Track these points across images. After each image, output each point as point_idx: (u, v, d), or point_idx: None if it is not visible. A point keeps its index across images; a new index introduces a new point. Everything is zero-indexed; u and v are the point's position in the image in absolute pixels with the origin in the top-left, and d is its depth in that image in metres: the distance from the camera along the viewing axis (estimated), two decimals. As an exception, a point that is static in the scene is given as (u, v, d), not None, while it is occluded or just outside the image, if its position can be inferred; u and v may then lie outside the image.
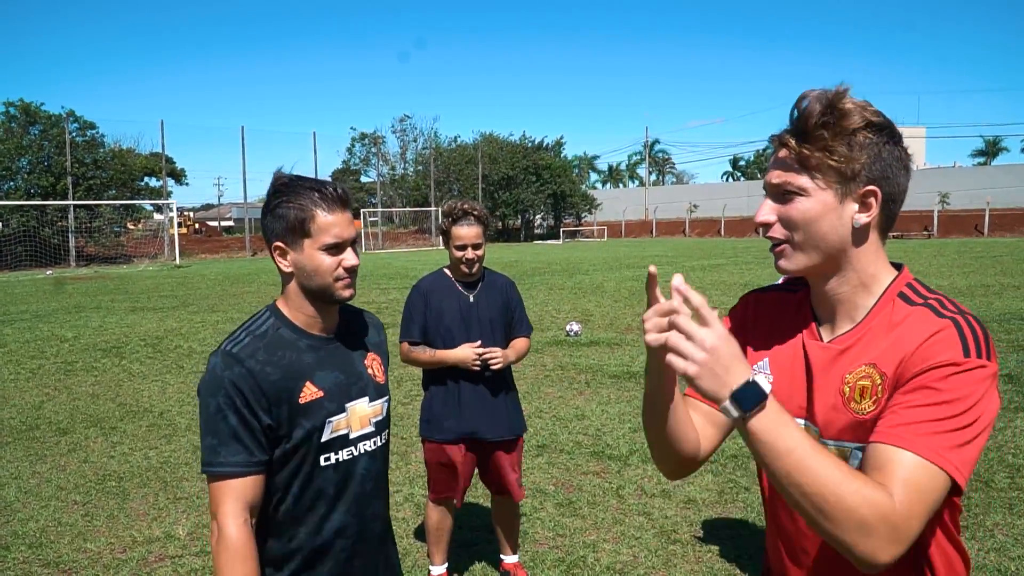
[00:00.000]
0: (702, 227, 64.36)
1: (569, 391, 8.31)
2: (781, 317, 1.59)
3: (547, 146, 67.92)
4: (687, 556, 4.34)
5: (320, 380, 1.92)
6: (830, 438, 1.43)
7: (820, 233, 1.40)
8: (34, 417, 7.67)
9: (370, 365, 2.06)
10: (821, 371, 1.46)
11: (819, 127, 1.36)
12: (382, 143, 66.09)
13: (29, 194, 38.26)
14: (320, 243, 1.86)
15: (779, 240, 1.44)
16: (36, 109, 39.33)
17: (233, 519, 1.78)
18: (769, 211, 1.44)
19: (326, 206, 1.85)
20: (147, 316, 15.57)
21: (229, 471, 1.80)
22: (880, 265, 1.45)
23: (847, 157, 1.36)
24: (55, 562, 4.45)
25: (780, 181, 1.41)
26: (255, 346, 1.88)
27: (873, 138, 1.37)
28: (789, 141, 1.39)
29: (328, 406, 1.92)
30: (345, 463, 1.96)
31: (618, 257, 33.63)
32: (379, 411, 2.05)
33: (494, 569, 4.27)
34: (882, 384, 1.35)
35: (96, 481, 5.77)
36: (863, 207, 1.40)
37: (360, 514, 2.00)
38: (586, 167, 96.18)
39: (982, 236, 46.44)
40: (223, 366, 1.84)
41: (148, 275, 29.33)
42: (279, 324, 1.94)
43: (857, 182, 1.38)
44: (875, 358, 1.38)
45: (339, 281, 1.89)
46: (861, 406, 1.38)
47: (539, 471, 5.73)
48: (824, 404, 1.44)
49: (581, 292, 18.36)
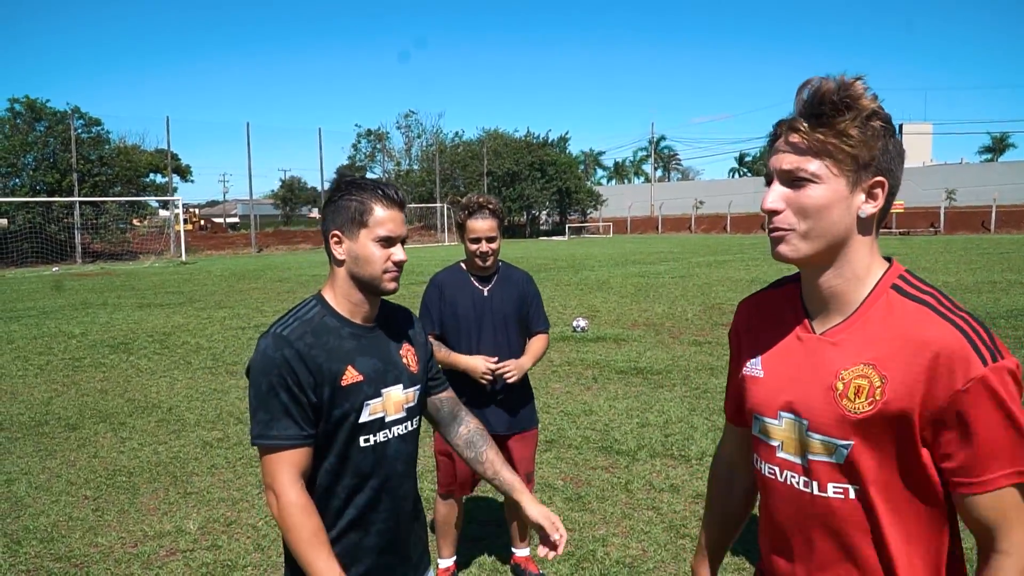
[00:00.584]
0: (708, 223, 64.27)
1: (576, 386, 8.31)
2: (773, 315, 1.58)
3: (552, 142, 67.88)
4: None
5: (360, 365, 2.04)
6: (817, 432, 1.41)
7: (829, 222, 1.37)
8: (43, 413, 7.70)
9: (405, 355, 2.18)
10: (813, 364, 1.44)
11: (834, 110, 1.32)
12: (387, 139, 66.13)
13: (35, 191, 38.33)
14: (375, 235, 2.01)
15: (784, 228, 1.40)
16: (41, 106, 39.36)
17: (291, 485, 1.93)
18: (778, 198, 1.40)
19: (385, 203, 2.02)
20: (154, 312, 15.61)
21: (283, 443, 1.94)
22: (874, 257, 1.43)
23: (863, 143, 1.33)
24: (67, 556, 4.47)
25: (792, 167, 1.37)
26: (303, 330, 2.00)
27: (882, 128, 1.35)
28: (801, 125, 1.36)
29: (367, 390, 2.04)
30: (381, 444, 2.08)
31: (624, 253, 33.60)
32: (411, 398, 2.16)
33: (503, 563, 4.28)
34: (882, 387, 1.34)
35: (106, 476, 5.79)
36: (870, 198, 1.38)
37: (393, 492, 2.12)
38: (592, 163, 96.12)
39: (989, 233, 46.31)
40: (274, 347, 1.96)
41: (154, 271, 29.40)
42: (324, 312, 2.07)
43: (868, 171, 1.36)
44: (874, 358, 1.36)
45: (387, 273, 2.04)
46: (855, 404, 1.36)
47: (547, 466, 5.74)
48: (815, 398, 1.42)
49: (587, 288, 18.36)
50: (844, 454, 1.37)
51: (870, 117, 1.34)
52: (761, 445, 1.55)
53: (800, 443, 1.45)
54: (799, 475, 1.46)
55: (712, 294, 16.42)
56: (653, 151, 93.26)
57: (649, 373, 8.82)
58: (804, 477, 1.45)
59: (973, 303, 13.54)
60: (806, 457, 1.44)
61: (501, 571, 4.23)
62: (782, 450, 1.49)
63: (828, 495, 1.41)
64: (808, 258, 1.41)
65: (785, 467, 1.48)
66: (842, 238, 1.39)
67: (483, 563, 4.31)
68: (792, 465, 1.47)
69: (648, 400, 7.61)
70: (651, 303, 15.23)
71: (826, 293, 1.44)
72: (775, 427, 1.50)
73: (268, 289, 20.42)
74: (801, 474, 1.45)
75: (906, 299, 1.38)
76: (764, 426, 1.53)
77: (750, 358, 1.60)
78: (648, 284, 19.13)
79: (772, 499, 1.54)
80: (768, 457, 1.53)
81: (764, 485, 1.56)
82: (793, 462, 1.47)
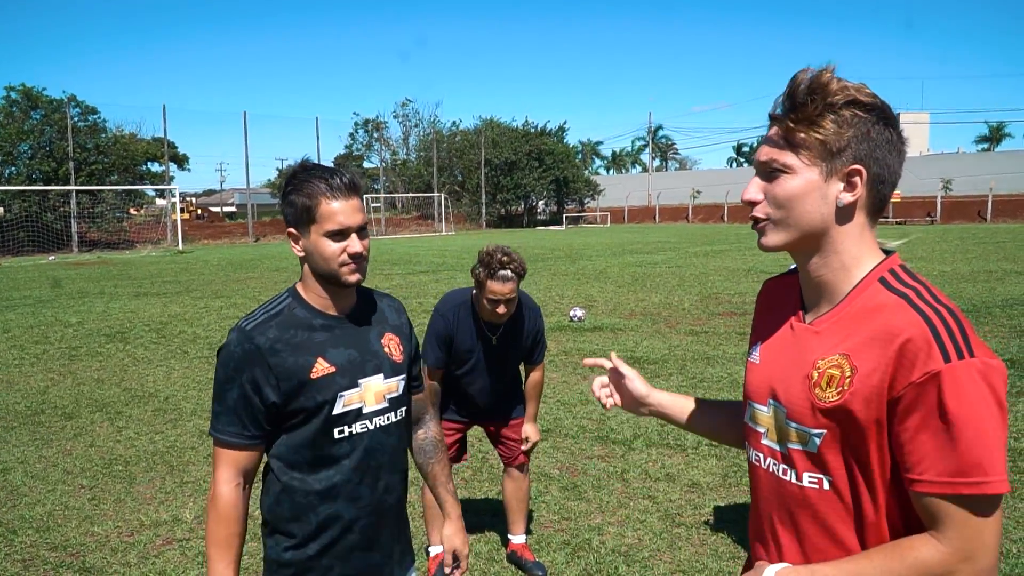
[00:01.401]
0: (705, 213, 64.19)
1: (573, 376, 8.32)
2: (777, 302, 1.61)
3: (550, 131, 67.72)
4: (691, 539, 4.35)
5: (333, 356, 2.00)
6: (793, 420, 1.43)
7: (803, 210, 1.39)
8: (39, 402, 7.69)
9: (387, 344, 2.13)
10: (797, 352, 1.46)
11: (804, 102, 1.35)
12: (384, 128, 65.89)
13: (31, 179, 38.23)
14: (324, 229, 1.94)
15: (761, 219, 1.44)
16: (38, 94, 39.21)
17: (225, 483, 1.96)
18: (756, 189, 1.44)
19: (331, 194, 1.93)
20: (151, 301, 15.59)
21: (226, 440, 1.96)
22: (865, 248, 1.43)
23: (833, 132, 1.35)
24: (63, 545, 4.47)
25: (767, 158, 1.41)
26: (268, 324, 1.98)
27: (861, 116, 1.35)
28: (777, 118, 1.40)
29: (340, 381, 2.00)
30: (359, 435, 2.04)
31: (621, 243, 33.60)
32: (394, 388, 2.12)
33: (500, 551, 4.29)
34: (851, 377, 1.34)
35: (102, 465, 5.80)
36: (848, 186, 1.38)
37: (374, 485, 2.08)
38: (589, 153, 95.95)
39: (985, 222, 46.33)
40: (236, 341, 1.96)
41: (151, 261, 29.35)
42: (295, 305, 2.04)
43: (842, 159, 1.36)
44: (849, 349, 1.37)
45: (344, 267, 1.97)
46: (825, 394, 1.37)
47: (544, 455, 5.75)
48: (794, 386, 1.44)
49: (584, 278, 18.36)
50: (816, 443, 1.39)
51: (844, 105, 1.35)
52: (750, 431, 1.58)
53: (780, 431, 1.47)
54: (779, 462, 1.48)
55: (709, 284, 16.43)
56: (651, 140, 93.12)
57: (646, 362, 8.83)
58: (783, 465, 1.47)
59: (969, 292, 13.56)
60: (785, 445, 1.46)
61: (497, 560, 4.24)
62: (766, 437, 1.51)
63: (804, 484, 1.43)
64: (788, 245, 1.44)
65: (768, 454, 1.51)
66: (820, 227, 1.40)
67: (480, 552, 4.32)
68: (774, 452, 1.49)
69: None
70: (648, 293, 15.23)
71: (815, 282, 1.46)
72: (763, 414, 1.52)
73: (265, 278, 20.39)
74: (780, 461, 1.47)
75: (888, 291, 1.38)
76: (754, 412, 1.55)
77: (752, 344, 1.63)
78: (645, 274, 19.13)
79: (757, 486, 1.56)
80: (755, 443, 1.55)
81: (751, 472, 1.58)
82: (774, 449, 1.49)
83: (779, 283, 1.67)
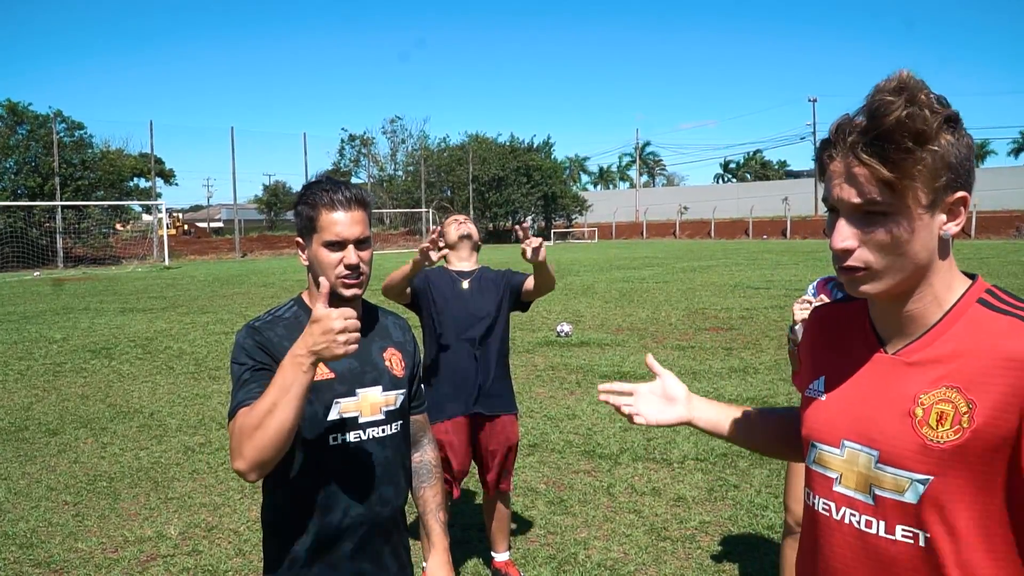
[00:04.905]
0: (692, 229, 64.53)
1: (560, 391, 8.33)
2: (839, 331, 1.45)
3: (537, 147, 67.98)
4: (676, 553, 4.36)
5: (332, 363, 1.98)
6: (890, 464, 1.26)
7: (912, 253, 1.22)
8: (23, 418, 7.64)
9: (389, 358, 2.16)
10: (886, 387, 1.30)
11: (903, 137, 1.16)
12: (372, 144, 65.96)
13: (16, 195, 38.05)
14: (323, 239, 1.98)
15: (861, 268, 1.25)
16: (24, 109, 39.11)
17: None
18: (850, 236, 1.24)
19: (332, 205, 1.97)
20: (136, 317, 15.52)
21: (248, 400, 1.83)
22: (955, 275, 1.29)
23: (940, 161, 1.18)
24: (46, 562, 4.44)
25: (864, 199, 1.21)
26: (276, 324, 2.04)
27: (952, 138, 1.19)
28: (866, 155, 1.19)
29: (338, 388, 2.02)
30: (353, 445, 2.04)
31: (609, 259, 33.69)
32: (391, 401, 2.12)
33: (486, 566, 4.29)
34: (969, 413, 1.18)
35: (87, 482, 5.76)
36: (951, 215, 1.24)
37: (368, 497, 2.06)
38: (577, 168, 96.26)
39: (969, 239, 46.69)
40: (245, 334, 2.00)
41: (137, 276, 29.22)
42: (301, 312, 2.08)
43: (949, 188, 1.21)
44: (960, 381, 1.20)
45: (339, 279, 1.98)
46: (937, 432, 1.21)
47: (530, 470, 5.75)
48: (889, 425, 1.27)
49: (572, 293, 18.39)
50: (920, 491, 1.22)
51: (940, 135, 1.18)
52: (816, 476, 1.39)
53: (866, 477, 1.29)
54: (860, 513, 1.30)
55: (696, 299, 16.49)
56: (638, 157, 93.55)
57: (633, 378, 8.84)
58: (867, 516, 1.29)
59: None
60: (872, 493, 1.28)
61: (483, 575, 4.24)
62: (840, 483, 1.33)
63: (896, 538, 1.25)
64: (892, 290, 1.27)
65: (843, 503, 1.33)
66: (925, 264, 1.25)
67: (466, 567, 4.32)
68: (852, 502, 1.31)
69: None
70: (635, 308, 15.28)
71: (903, 319, 1.30)
72: (835, 457, 1.35)
73: (252, 294, 20.33)
74: (863, 512, 1.30)
75: (996, 313, 1.23)
76: (821, 455, 1.38)
77: (812, 378, 1.45)
78: (632, 289, 19.19)
79: (824, 538, 1.37)
80: (823, 491, 1.37)
81: (814, 520, 1.40)
82: (854, 498, 1.31)
83: (837, 311, 1.50)
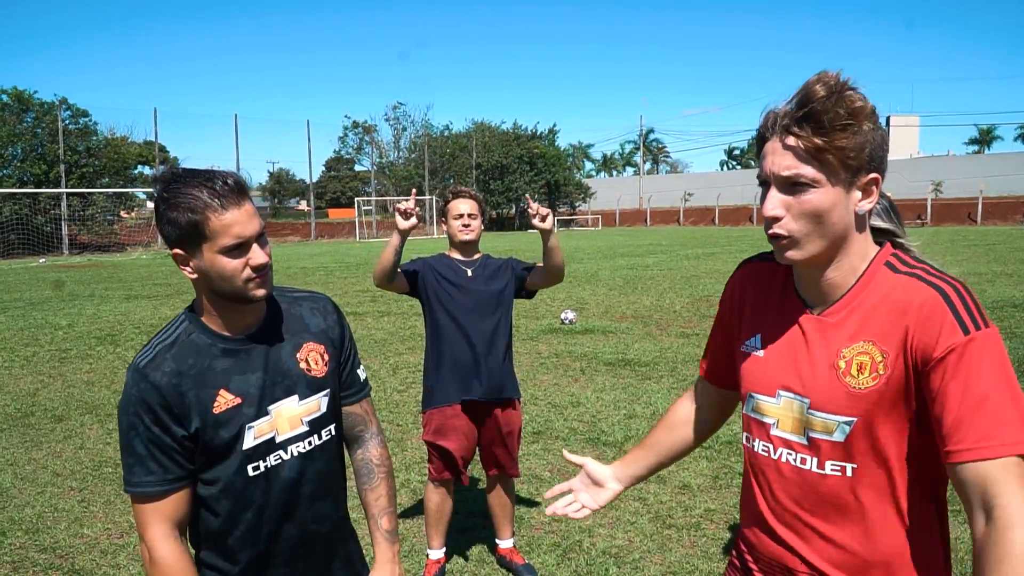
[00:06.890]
0: (696, 216, 64.42)
1: (564, 378, 8.33)
2: (770, 292, 1.61)
3: (540, 135, 67.83)
4: (682, 540, 4.36)
5: (236, 385, 1.79)
6: (819, 410, 1.45)
7: (830, 223, 1.40)
8: (29, 404, 7.67)
9: (304, 358, 1.90)
10: (813, 344, 1.48)
11: (831, 119, 1.34)
12: (375, 131, 65.87)
13: (22, 182, 38.14)
14: (219, 246, 1.68)
15: (784, 235, 1.42)
16: (29, 97, 39.16)
17: (160, 540, 1.73)
18: (779, 204, 1.42)
19: (219, 203, 1.66)
20: (141, 304, 15.55)
21: (145, 491, 1.73)
22: (869, 245, 1.48)
23: (856, 144, 1.36)
24: (52, 547, 4.46)
25: (790, 172, 1.39)
26: (163, 357, 1.75)
27: (872, 125, 1.37)
28: (800, 131, 1.37)
29: (247, 412, 1.79)
30: (275, 468, 1.83)
31: (612, 246, 33.64)
32: (314, 408, 1.89)
33: (491, 553, 4.29)
34: (884, 361, 1.38)
35: (92, 468, 5.78)
36: (866, 194, 1.41)
37: (300, 519, 1.89)
38: (580, 156, 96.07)
39: (975, 224, 46.59)
40: (131, 383, 1.74)
41: (142, 263, 29.28)
42: (192, 329, 1.81)
43: (863, 169, 1.39)
44: (873, 335, 1.40)
45: (250, 282, 1.73)
46: (858, 380, 1.40)
47: (535, 457, 5.75)
48: (818, 377, 1.46)
49: (576, 281, 18.36)
50: (846, 431, 1.41)
51: (864, 116, 1.36)
52: (754, 423, 1.59)
53: (800, 421, 1.48)
54: (796, 452, 1.50)
55: (700, 286, 16.47)
56: (642, 144, 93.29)
57: (637, 365, 8.85)
58: (802, 455, 1.49)
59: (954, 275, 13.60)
60: (807, 435, 1.48)
61: (488, 562, 4.24)
62: (777, 428, 1.53)
63: (826, 472, 1.46)
64: (814, 258, 1.44)
65: (780, 444, 1.52)
66: (843, 236, 1.43)
67: (470, 554, 4.32)
68: (789, 443, 1.51)
69: (635, 392, 7.64)
70: (639, 295, 15.26)
71: (824, 285, 1.48)
72: (772, 406, 1.53)
73: (256, 281, 20.33)
74: (799, 451, 1.49)
75: (897, 274, 1.43)
76: (759, 404, 1.57)
77: (749, 335, 1.62)
78: (636, 276, 19.17)
79: (766, 476, 1.57)
80: (761, 435, 1.56)
81: (756, 462, 1.59)
82: (791, 440, 1.51)
83: (763, 269, 1.66)
